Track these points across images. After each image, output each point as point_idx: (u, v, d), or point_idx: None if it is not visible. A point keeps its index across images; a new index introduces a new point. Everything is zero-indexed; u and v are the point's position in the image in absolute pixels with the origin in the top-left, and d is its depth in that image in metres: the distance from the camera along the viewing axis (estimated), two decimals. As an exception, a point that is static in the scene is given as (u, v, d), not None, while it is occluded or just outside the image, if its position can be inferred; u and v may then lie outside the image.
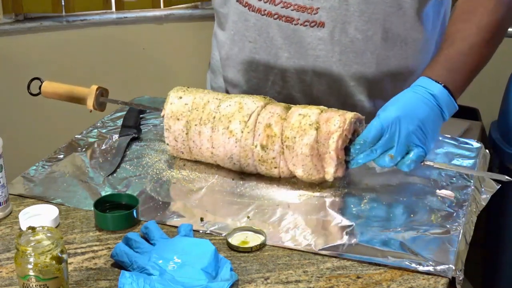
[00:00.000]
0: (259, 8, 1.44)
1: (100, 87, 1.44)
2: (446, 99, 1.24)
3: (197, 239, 1.10)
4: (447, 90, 1.24)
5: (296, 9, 1.41)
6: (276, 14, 1.43)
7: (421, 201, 1.24)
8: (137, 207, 1.19)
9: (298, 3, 1.41)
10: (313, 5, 1.40)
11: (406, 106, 1.22)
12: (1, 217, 1.19)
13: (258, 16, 1.45)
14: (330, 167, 1.24)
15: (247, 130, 1.27)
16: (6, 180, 1.19)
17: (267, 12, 1.44)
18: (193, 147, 1.33)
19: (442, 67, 1.27)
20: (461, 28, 1.31)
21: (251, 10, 1.46)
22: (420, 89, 1.24)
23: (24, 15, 2.67)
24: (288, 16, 1.42)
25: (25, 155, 1.60)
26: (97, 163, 1.39)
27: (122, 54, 2.78)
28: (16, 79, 1.45)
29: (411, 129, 1.20)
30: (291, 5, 1.41)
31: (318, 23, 1.40)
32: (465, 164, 1.38)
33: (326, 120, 1.24)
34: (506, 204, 2.14)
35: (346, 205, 1.24)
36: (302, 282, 1.03)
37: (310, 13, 1.40)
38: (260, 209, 1.22)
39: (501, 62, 2.53)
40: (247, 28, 1.48)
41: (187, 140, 1.33)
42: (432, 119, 1.22)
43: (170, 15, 2.77)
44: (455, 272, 1.05)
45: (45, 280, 0.94)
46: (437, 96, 1.23)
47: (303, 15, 1.41)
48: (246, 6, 1.46)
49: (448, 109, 1.24)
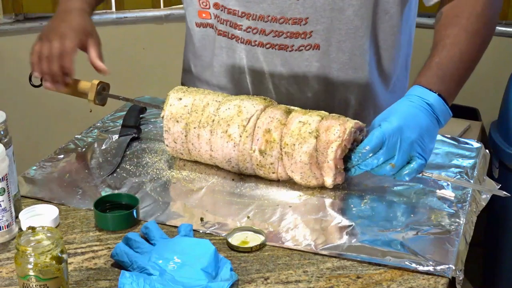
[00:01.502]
0: (249, 39, 1.43)
1: (101, 81, 1.44)
2: (441, 108, 1.22)
3: (197, 239, 1.10)
4: (442, 98, 1.23)
5: (289, 36, 1.40)
6: (268, 44, 1.42)
7: (421, 201, 1.24)
8: (137, 207, 1.19)
9: (290, 30, 1.39)
10: (306, 30, 1.39)
11: (407, 115, 1.20)
12: (2, 241, 1.14)
13: (248, 47, 1.44)
14: (329, 177, 1.24)
15: (246, 135, 1.27)
16: (12, 203, 1.14)
17: (258, 42, 1.42)
18: (192, 150, 1.33)
19: (435, 74, 1.25)
20: (451, 33, 1.28)
21: (239, 42, 1.44)
22: (416, 98, 1.22)
23: (24, 15, 2.67)
24: (282, 44, 1.41)
25: (25, 155, 1.60)
26: (97, 163, 1.39)
27: (122, 54, 2.78)
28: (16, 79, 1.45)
29: (413, 138, 1.18)
30: (283, 33, 1.40)
31: (313, 45, 1.40)
32: (465, 164, 1.38)
33: (326, 129, 1.23)
34: (506, 204, 2.14)
35: (346, 205, 1.24)
36: (302, 282, 1.03)
37: (304, 38, 1.39)
38: (260, 209, 1.22)
39: (501, 62, 2.54)
40: (236, 59, 1.47)
41: (186, 142, 1.33)
42: (430, 128, 1.21)
43: (170, 15, 2.78)
44: (455, 272, 1.05)
45: (45, 280, 0.94)
46: (433, 105, 1.21)
47: (297, 40, 1.40)
48: (233, 38, 1.44)
49: (443, 117, 1.23)
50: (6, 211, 1.12)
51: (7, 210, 1.12)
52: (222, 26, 1.44)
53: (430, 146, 1.21)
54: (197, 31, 1.51)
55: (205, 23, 1.48)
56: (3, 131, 1.16)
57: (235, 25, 1.42)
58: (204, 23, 1.48)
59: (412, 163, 1.19)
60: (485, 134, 2.48)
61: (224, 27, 1.44)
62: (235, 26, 1.43)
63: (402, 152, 1.18)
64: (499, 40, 2.53)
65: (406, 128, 1.18)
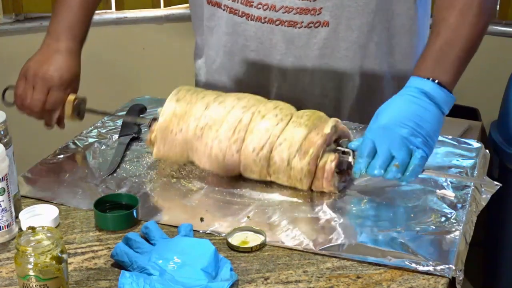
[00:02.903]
0: (259, 16, 1.43)
1: (77, 97, 1.42)
2: (440, 94, 1.18)
3: (197, 239, 1.10)
4: (439, 83, 1.18)
5: (299, 12, 1.40)
6: (278, 20, 1.42)
7: (421, 201, 1.24)
8: (137, 207, 1.19)
9: (300, 6, 1.40)
10: (316, 6, 1.39)
11: (396, 110, 1.17)
12: (2, 241, 1.14)
13: (259, 24, 1.44)
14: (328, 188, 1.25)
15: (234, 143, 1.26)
16: (12, 203, 1.13)
17: (268, 19, 1.43)
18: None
19: (430, 61, 1.21)
20: (446, 16, 1.25)
21: (249, 19, 1.45)
22: (411, 89, 1.19)
23: (24, 15, 2.67)
24: (291, 21, 1.41)
25: (25, 155, 1.60)
26: (97, 163, 1.39)
27: (122, 54, 2.78)
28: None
29: (404, 133, 1.14)
30: (293, 9, 1.40)
31: (322, 22, 1.40)
32: (465, 164, 1.38)
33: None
34: (506, 204, 2.14)
35: (346, 205, 1.24)
36: (302, 282, 1.03)
37: (314, 14, 1.40)
38: (260, 209, 1.22)
39: (501, 62, 2.54)
40: (247, 38, 1.48)
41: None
42: (427, 118, 1.16)
43: (170, 15, 2.77)
44: (455, 272, 1.05)
45: (45, 280, 0.94)
46: (430, 93, 1.17)
47: (306, 17, 1.40)
48: (243, 16, 1.45)
49: (445, 103, 1.18)
50: (6, 211, 1.12)
51: (7, 210, 1.12)
52: (233, 4, 1.45)
53: (432, 135, 1.17)
54: (206, 10, 1.51)
55: (214, 2, 1.49)
56: (3, 131, 1.16)
57: (246, 1, 1.43)
58: (213, 1, 1.49)
59: (413, 157, 1.16)
60: (485, 134, 2.47)
61: (235, 5, 1.45)
62: (246, 3, 1.43)
63: (398, 149, 1.15)
64: (499, 40, 2.53)
65: (394, 125, 1.15)
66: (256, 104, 1.28)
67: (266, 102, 1.29)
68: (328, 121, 1.25)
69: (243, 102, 1.28)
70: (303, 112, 1.28)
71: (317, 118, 1.26)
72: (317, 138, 1.23)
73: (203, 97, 1.31)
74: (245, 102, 1.28)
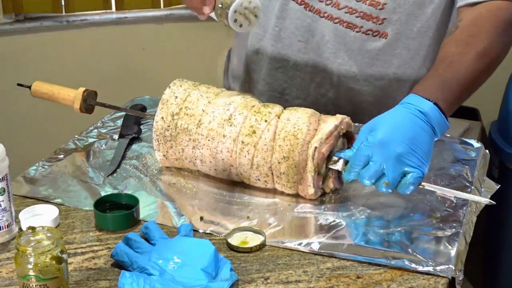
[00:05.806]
0: (318, 9, 1.41)
1: (87, 89, 1.40)
2: (437, 117, 1.15)
3: (197, 239, 1.10)
4: (438, 107, 1.16)
5: (361, 17, 1.39)
6: (337, 19, 1.40)
7: (421, 201, 1.24)
8: (137, 207, 1.19)
9: (364, 11, 1.38)
10: (380, 15, 1.38)
11: (393, 127, 1.13)
12: (2, 241, 1.13)
13: (316, 17, 1.42)
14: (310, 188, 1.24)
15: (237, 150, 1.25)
16: (11, 204, 1.13)
17: (328, 15, 1.41)
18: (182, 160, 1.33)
19: (434, 85, 1.19)
20: (461, 51, 1.23)
21: (307, 9, 1.43)
22: (409, 106, 1.16)
23: (24, 15, 2.67)
24: (351, 23, 1.40)
25: (25, 155, 1.60)
26: (97, 163, 1.39)
27: (122, 54, 2.78)
28: (16, 79, 1.45)
29: (400, 151, 1.11)
30: (356, 11, 1.39)
31: (381, 33, 1.38)
32: (465, 164, 1.38)
33: None
34: (506, 204, 2.14)
35: (346, 205, 1.24)
36: (302, 282, 1.04)
37: (375, 23, 1.38)
38: (260, 209, 1.22)
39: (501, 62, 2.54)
40: (298, 26, 1.45)
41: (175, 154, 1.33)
42: (423, 138, 1.13)
43: (170, 15, 2.77)
44: (455, 272, 1.05)
45: (45, 280, 0.94)
46: (428, 114, 1.15)
47: (367, 23, 1.39)
48: (302, 5, 1.43)
49: (439, 128, 1.16)
50: (6, 211, 1.12)
51: (7, 210, 1.12)
52: None
53: (427, 156, 1.14)
54: None
55: None
56: None
57: None
58: None
59: (407, 176, 1.12)
60: (485, 134, 2.47)
61: None
62: None
63: (391, 168, 1.12)
64: (499, 40, 2.53)
65: (391, 142, 1.12)
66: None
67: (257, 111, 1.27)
68: None
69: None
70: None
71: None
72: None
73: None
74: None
